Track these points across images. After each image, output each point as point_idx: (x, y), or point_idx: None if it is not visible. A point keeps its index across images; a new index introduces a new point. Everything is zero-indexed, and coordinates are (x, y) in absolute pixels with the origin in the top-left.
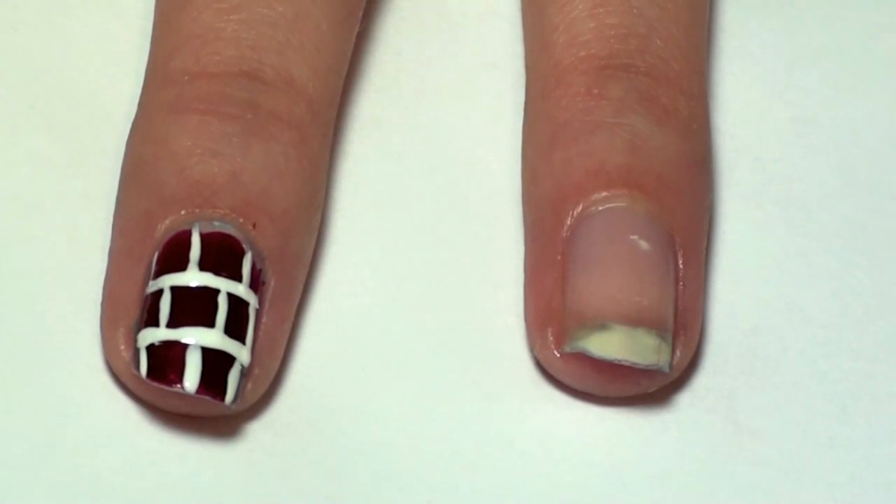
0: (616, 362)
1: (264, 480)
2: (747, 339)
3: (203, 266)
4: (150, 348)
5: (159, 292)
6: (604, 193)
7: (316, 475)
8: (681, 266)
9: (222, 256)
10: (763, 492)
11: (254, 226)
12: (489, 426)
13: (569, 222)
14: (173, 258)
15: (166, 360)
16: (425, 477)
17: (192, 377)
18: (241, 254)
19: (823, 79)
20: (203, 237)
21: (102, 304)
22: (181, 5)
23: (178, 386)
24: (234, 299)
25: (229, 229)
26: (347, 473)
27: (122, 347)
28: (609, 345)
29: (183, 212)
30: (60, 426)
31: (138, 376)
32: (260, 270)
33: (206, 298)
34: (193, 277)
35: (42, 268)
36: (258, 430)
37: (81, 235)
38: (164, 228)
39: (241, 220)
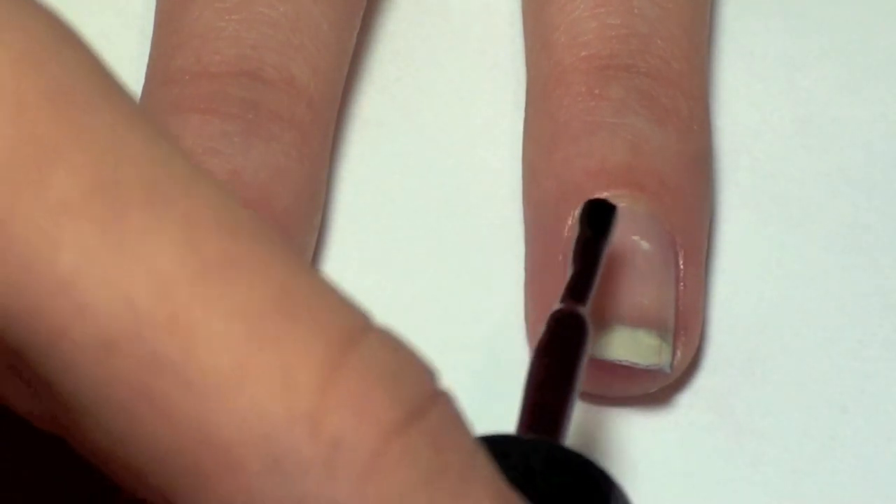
0: (617, 362)
1: None
2: (747, 339)
3: None
4: None
5: None
6: (605, 194)
7: None
8: (681, 266)
9: None
10: (763, 492)
11: None
12: (489, 426)
13: (570, 222)
14: None
15: None
16: None
17: None
18: None
19: (823, 79)
20: None
21: None
22: (182, 4)
23: None
24: None
25: None
26: None
27: None
28: (610, 345)
29: None
30: None
31: None
32: None
33: None
34: None
35: None
36: None
37: None
38: None
39: None
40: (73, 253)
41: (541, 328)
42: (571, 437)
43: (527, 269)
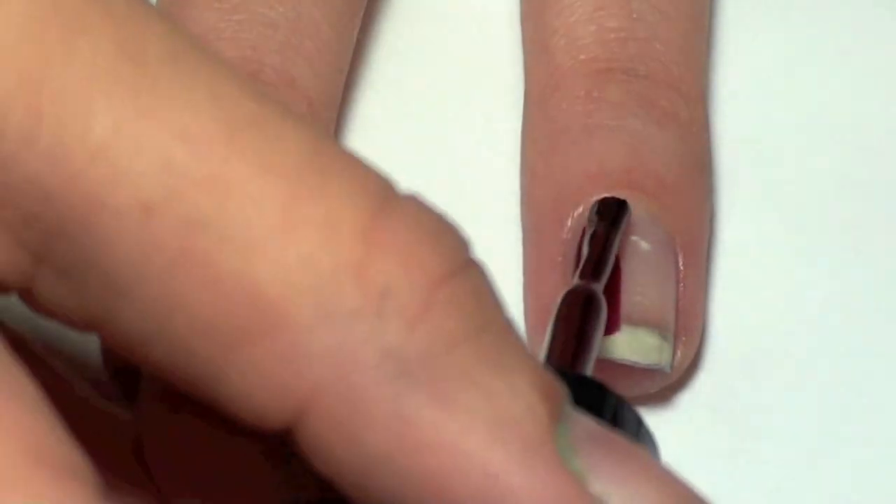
0: (617, 362)
1: None
2: (747, 339)
3: None
4: None
5: None
6: (604, 195)
7: None
8: (681, 267)
9: None
10: (763, 492)
11: None
12: None
13: (569, 224)
14: None
15: None
16: None
17: None
18: None
19: (823, 79)
20: None
21: None
22: (182, 5)
23: None
24: None
25: None
26: None
27: None
28: (610, 345)
29: None
30: None
31: None
32: None
33: None
34: None
35: None
36: None
37: None
38: None
39: None
40: (106, 119)
41: (540, 329)
42: None
43: (526, 271)
